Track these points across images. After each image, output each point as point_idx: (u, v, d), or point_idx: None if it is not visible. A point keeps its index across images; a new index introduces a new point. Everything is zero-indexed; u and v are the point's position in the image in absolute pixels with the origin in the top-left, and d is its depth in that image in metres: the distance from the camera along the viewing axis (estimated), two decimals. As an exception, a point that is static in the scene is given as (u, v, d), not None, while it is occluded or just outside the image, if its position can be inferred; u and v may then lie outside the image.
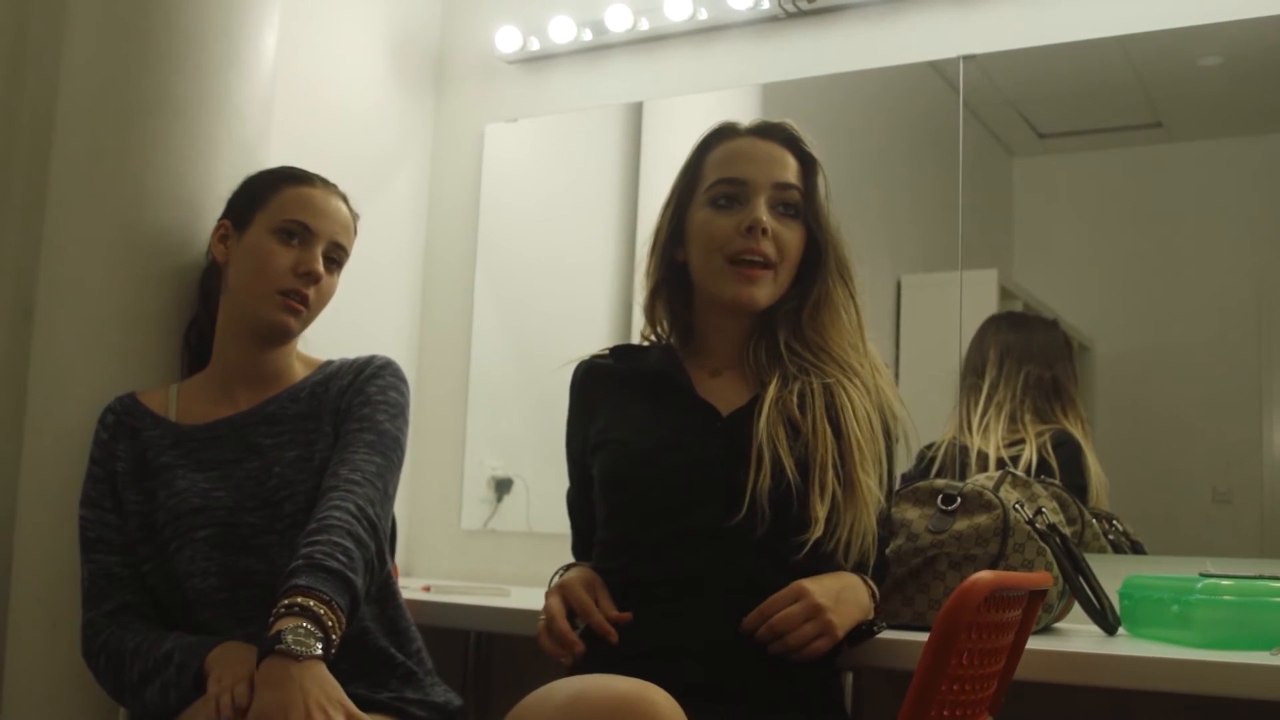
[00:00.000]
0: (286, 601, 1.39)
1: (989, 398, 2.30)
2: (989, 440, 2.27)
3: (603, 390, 1.72)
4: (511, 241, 2.93)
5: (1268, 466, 2.16)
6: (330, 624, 1.39)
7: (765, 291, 1.64)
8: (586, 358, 1.77)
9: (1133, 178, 2.41)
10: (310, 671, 1.34)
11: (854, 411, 1.58)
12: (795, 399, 1.59)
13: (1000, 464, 2.20)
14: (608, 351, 1.78)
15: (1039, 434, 2.26)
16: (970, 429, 2.30)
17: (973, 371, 2.34)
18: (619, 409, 1.68)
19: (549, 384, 1.88)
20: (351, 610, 1.45)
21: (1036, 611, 1.53)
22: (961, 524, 1.78)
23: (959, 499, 1.81)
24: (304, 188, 1.74)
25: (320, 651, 1.36)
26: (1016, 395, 2.29)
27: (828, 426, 1.57)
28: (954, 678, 1.30)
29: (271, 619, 1.39)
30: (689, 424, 1.62)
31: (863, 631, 1.56)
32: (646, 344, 1.78)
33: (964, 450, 2.29)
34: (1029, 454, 2.22)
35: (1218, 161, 2.32)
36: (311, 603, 1.39)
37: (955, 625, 1.25)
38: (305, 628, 1.36)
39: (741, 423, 1.59)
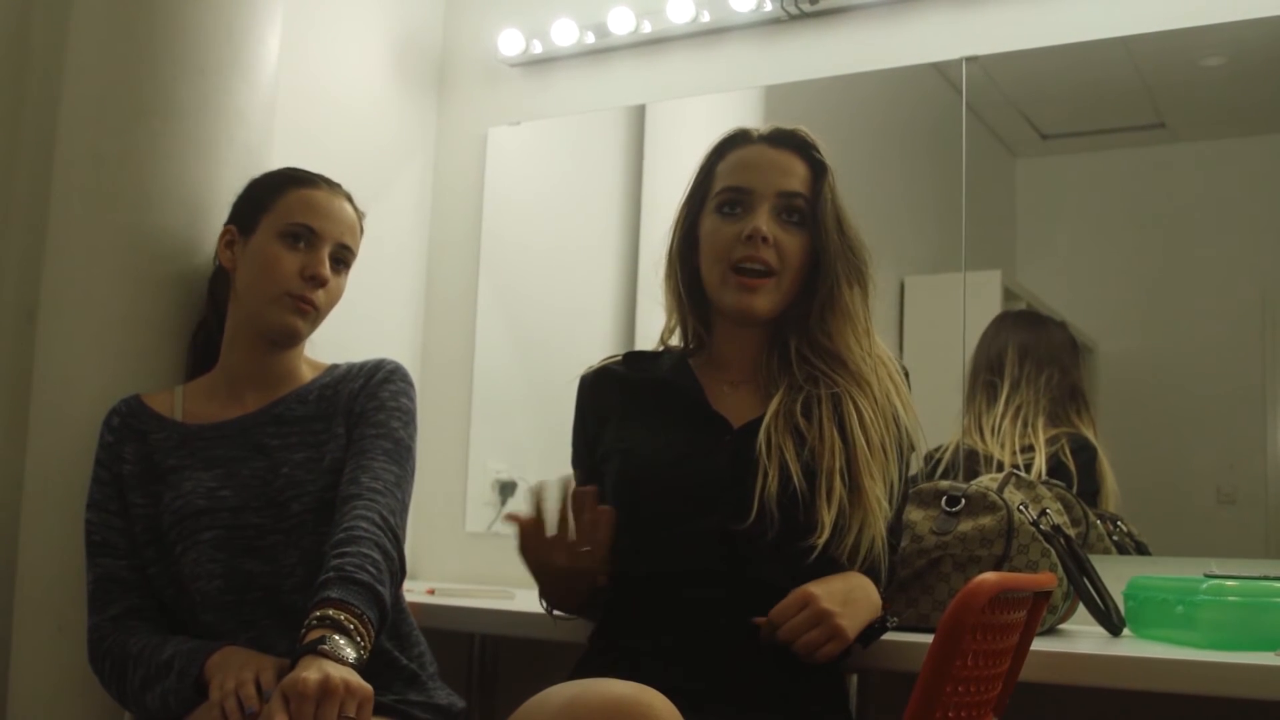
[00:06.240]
0: (319, 613, 1.40)
1: (1008, 400, 2.27)
2: (1004, 445, 2.24)
3: (613, 398, 1.72)
4: (515, 245, 2.93)
5: (1272, 467, 2.15)
6: (360, 639, 1.40)
7: (766, 301, 1.64)
8: (596, 365, 1.77)
9: (1136, 178, 2.41)
10: (348, 671, 1.35)
11: (861, 420, 1.58)
12: (800, 408, 1.59)
13: (1015, 469, 2.17)
14: (620, 357, 1.78)
15: (1054, 438, 2.23)
16: (981, 432, 2.28)
17: (989, 369, 2.30)
18: (630, 418, 1.68)
19: (553, 387, 1.88)
20: (380, 623, 1.47)
21: (1041, 613, 1.53)
22: (966, 525, 1.78)
23: (963, 500, 1.81)
24: (308, 190, 1.73)
25: (354, 662, 1.37)
26: (1038, 397, 2.27)
27: (835, 433, 1.57)
28: (959, 679, 1.30)
29: (304, 629, 1.39)
30: (700, 435, 1.63)
31: (875, 630, 1.55)
32: (660, 350, 1.77)
33: (973, 455, 2.26)
34: (1039, 461, 2.20)
35: (1221, 162, 2.32)
36: (344, 616, 1.40)
37: (960, 627, 1.25)
38: (338, 640, 1.37)
39: (752, 434, 1.59)
